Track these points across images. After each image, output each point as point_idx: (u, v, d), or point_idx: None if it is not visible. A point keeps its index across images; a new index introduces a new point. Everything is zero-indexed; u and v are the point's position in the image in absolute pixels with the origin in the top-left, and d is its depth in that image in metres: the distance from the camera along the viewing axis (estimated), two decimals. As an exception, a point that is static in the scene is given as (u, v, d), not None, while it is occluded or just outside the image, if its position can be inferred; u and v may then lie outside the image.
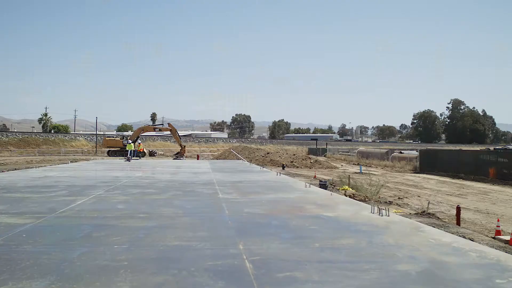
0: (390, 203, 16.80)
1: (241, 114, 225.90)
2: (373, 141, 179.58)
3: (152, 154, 63.42)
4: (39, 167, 27.53)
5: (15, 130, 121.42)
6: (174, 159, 47.25)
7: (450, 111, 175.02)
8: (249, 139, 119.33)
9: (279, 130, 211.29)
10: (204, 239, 6.44)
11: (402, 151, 55.53)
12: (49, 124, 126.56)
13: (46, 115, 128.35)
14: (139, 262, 5.24)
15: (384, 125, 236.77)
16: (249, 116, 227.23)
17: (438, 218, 13.44)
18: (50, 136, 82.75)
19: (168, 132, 62.50)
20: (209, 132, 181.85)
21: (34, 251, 5.72)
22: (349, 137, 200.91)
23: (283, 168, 36.60)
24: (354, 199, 13.62)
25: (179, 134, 56.74)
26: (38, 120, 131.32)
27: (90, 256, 5.49)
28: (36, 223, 7.63)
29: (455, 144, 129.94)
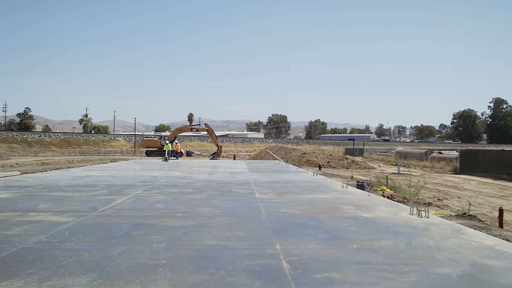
0: (430, 204, 16.44)
1: (277, 114, 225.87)
2: (411, 141, 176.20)
3: (189, 154, 64.10)
4: (80, 166, 28.22)
5: (57, 131, 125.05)
6: (211, 159, 47.64)
7: (491, 110, 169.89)
8: (285, 139, 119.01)
9: (315, 130, 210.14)
10: (241, 239, 6.47)
11: (441, 151, 54.36)
12: (89, 124, 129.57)
13: (86, 116, 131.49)
14: (177, 261, 5.31)
15: (422, 125, 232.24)
16: (285, 116, 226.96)
17: (480, 220, 13.07)
18: (91, 136, 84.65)
19: (205, 132, 63.05)
20: (245, 132, 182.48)
21: (76, 248, 5.87)
22: (386, 137, 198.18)
23: (320, 169, 36.36)
24: (392, 200, 13.41)
25: (216, 134, 57.15)
26: (79, 121, 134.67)
27: (130, 254, 5.59)
28: (77, 221, 7.83)
29: (497, 144, 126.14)
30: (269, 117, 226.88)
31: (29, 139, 73.74)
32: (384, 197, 14.39)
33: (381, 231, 7.19)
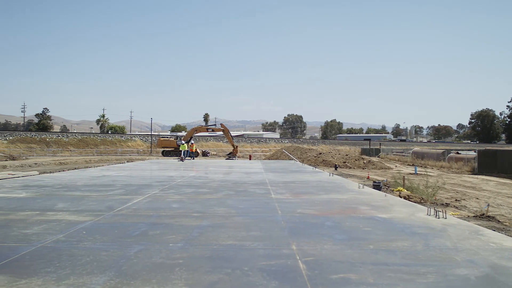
0: (447, 205, 16.30)
1: (293, 114, 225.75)
2: (428, 141, 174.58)
3: (205, 154, 64.38)
4: (97, 166, 28.50)
5: (75, 131, 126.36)
6: (226, 159, 47.75)
7: (510, 110, 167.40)
8: (301, 139, 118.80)
9: (331, 130, 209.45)
10: (257, 239, 6.47)
11: (459, 152, 53.87)
12: (106, 125, 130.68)
13: (103, 116, 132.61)
14: (193, 260, 5.32)
15: (440, 124, 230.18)
16: (301, 116, 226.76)
17: (499, 221, 12.91)
18: (108, 136, 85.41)
19: (221, 133, 63.29)
20: (261, 132, 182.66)
21: (94, 247, 5.92)
22: (403, 137, 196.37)
23: (336, 169, 36.25)
24: (409, 200, 13.31)
25: (232, 135, 57.26)
26: (96, 121, 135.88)
27: (146, 253, 5.62)
28: (95, 221, 7.90)
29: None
30: (284, 117, 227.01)
31: (47, 139, 74.64)
32: (400, 197, 14.28)
33: (398, 231, 7.13)
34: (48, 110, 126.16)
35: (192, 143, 43.68)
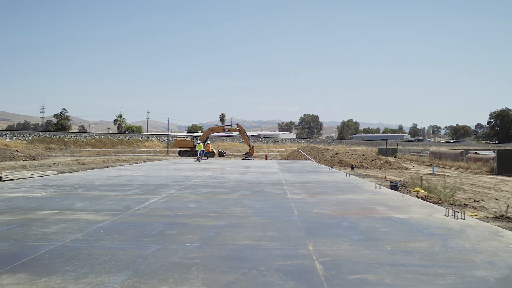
0: (466, 206, 16.12)
1: (309, 114, 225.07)
2: (446, 141, 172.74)
3: (221, 154, 64.49)
4: (114, 166, 28.76)
5: (93, 131, 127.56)
6: (243, 159, 47.82)
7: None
8: (317, 140, 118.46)
9: (347, 130, 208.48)
10: (274, 239, 6.47)
11: (477, 152, 53.22)
12: (123, 125, 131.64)
13: (121, 116, 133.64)
14: (210, 260, 5.34)
15: (458, 124, 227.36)
16: (317, 116, 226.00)
17: (518, 222, 12.73)
18: (125, 136, 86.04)
19: (237, 133, 63.43)
20: (277, 132, 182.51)
21: (112, 246, 5.98)
22: (420, 137, 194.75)
23: (352, 169, 36.08)
24: (426, 201, 13.19)
25: (248, 135, 57.31)
26: (114, 121, 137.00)
27: (164, 253, 5.65)
28: (112, 220, 7.97)
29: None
30: (301, 117, 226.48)
31: (66, 140, 75.45)
32: (418, 198, 14.17)
33: (415, 232, 7.07)
34: (66, 110, 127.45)
35: (207, 143, 43.84)
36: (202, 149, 39.34)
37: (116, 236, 6.67)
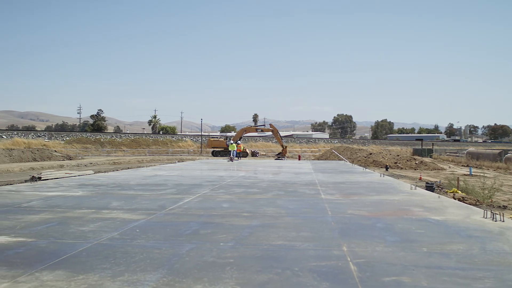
0: (505, 207, 15.68)
1: (342, 114, 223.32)
2: (483, 141, 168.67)
3: (254, 154, 64.61)
4: (149, 166, 29.15)
5: (128, 132, 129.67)
6: (275, 159, 47.81)
7: None
8: (351, 140, 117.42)
9: (381, 130, 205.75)
10: (307, 240, 6.44)
11: (517, 152, 51.73)
12: (157, 125, 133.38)
13: (155, 117, 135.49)
14: (244, 260, 5.35)
15: (496, 124, 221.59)
16: (350, 116, 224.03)
17: (561, 225, 12.32)
18: (159, 137, 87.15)
19: (270, 133, 63.50)
20: (310, 132, 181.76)
21: (147, 245, 6.06)
22: (457, 137, 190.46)
23: (387, 169, 35.59)
24: (463, 202, 12.90)
25: (281, 135, 57.27)
26: (148, 122, 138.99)
27: (198, 252, 5.70)
28: (148, 219, 8.08)
29: None
30: (334, 117, 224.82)
31: (102, 140, 76.94)
32: (455, 199, 13.87)
33: (452, 234, 6.92)
34: (102, 111, 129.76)
35: (239, 143, 43.93)
36: (235, 149, 39.48)
37: (151, 235, 6.76)
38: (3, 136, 67.51)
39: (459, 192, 18.58)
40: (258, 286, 4.42)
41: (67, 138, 74.46)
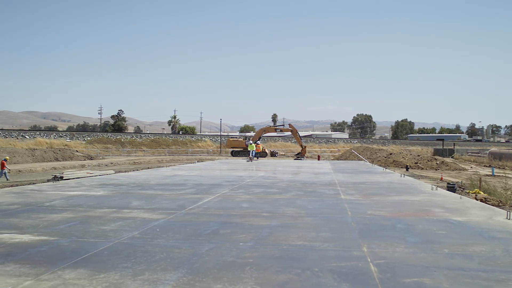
0: (528, 208, 15.42)
1: (362, 114, 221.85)
2: (506, 141, 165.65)
3: (273, 154, 64.53)
4: (169, 166, 29.33)
5: (148, 132, 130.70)
6: (295, 159, 47.70)
7: None
8: (371, 140, 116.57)
9: (402, 130, 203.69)
10: (327, 240, 6.41)
11: (541, 152, 50.78)
12: (177, 125, 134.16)
13: (175, 117, 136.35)
14: (263, 260, 5.36)
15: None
16: (370, 116, 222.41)
17: None
18: (179, 137, 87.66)
19: (289, 133, 63.38)
20: (330, 132, 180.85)
21: (167, 245, 6.10)
22: (479, 137, 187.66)
23: (407, 170, 35.25)
24: (486, 203, 12.70)
25: (300, 135, 57.10)
26: (168, 122, 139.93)
27: (217, 252, 5.72)
28: (168, 219, 8.13)
29: None
30: (353, 117, 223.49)
31: (122, 140, 77.67)
32: (477, 200, 13.67)
33: (474, 235, 6.83)
34: (123, 111, 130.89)
35: (258, 143, 43.90)
36: (254, 149, 39.49)
37: (171, 234, 6.80)
38: (26, 136, 68.65)
39: (481, 192, 18.32)
40: (277, 286, 4.42)
41: (88, 138, 75.33)
